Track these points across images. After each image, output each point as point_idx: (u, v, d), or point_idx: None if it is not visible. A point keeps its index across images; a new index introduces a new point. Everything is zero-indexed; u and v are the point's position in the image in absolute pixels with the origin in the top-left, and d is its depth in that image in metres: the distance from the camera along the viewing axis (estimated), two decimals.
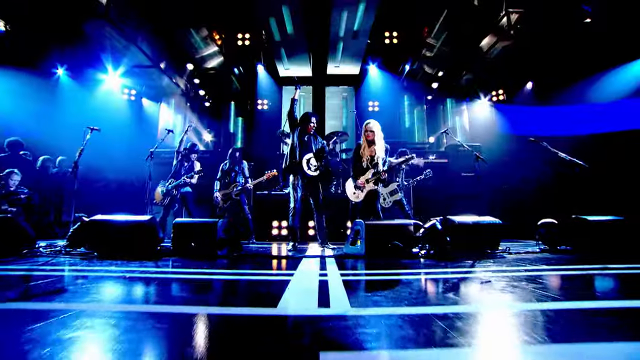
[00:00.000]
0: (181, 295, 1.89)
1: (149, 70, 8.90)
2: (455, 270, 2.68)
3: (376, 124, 4.78)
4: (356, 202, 4.72)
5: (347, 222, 6.82)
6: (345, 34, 8.17)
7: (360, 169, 4.74)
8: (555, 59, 7.87)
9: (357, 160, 4.81)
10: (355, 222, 3.71)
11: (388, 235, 3.54)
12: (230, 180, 6.22)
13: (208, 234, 3.52)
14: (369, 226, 3.49)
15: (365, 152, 4.73)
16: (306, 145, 4.90)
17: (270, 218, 6.90)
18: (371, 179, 4.62)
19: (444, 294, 1.88)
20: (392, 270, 2.69)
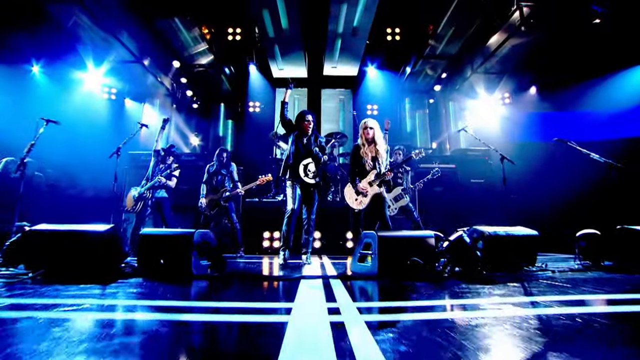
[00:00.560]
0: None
1: (132, 67, 8.21)
2: (509, 300, 2.02)
3: (375, 121, 4.22)
4: (359, 209, 4.06)
5: (347, 232, 6.16)
6: (344, 30, 7.62)
7: (362, 172, 4.11)
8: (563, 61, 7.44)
9: (356, 162, 4.20)
10: (365, 234, 3.04)
11: (405, 249, 2.87)
12: (217, 183, 5.52)
13: (182, 248, 2.81)
14: (383, 239, 2.81)
15: (366, 152, 4.11)
16: (304, 148, 4.38)
17: (261, 228, 6.19)
18: (374, 181, 3.99)
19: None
20: (425, 299, 2.02)
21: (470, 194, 6.63)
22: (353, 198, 4.11)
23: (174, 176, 5.23)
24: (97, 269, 2.74)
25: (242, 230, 5.91)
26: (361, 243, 3.06)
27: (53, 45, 7.15)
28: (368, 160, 4.09)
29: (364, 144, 4.13)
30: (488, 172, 6.81)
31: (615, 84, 7.19)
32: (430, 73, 9.02)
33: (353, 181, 4.13)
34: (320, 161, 4.42)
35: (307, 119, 4.40)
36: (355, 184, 4.08)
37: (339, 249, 6.09)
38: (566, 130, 7.23)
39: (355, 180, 4.11)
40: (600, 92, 7.28)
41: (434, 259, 3.00)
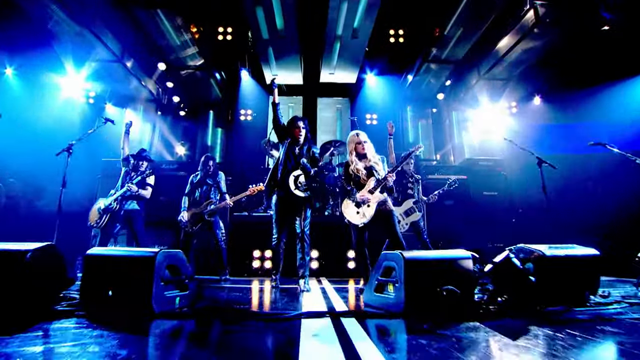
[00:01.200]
0: None
1: (113, 70, 7.55)
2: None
3: (365, 135, 3.70)
4: (363, 223, 3.37)
5: (349, 251, 5.42)
6: (343, 31, 7.11)
7: (358, 185, 3.52)
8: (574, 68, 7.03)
9: (348, 178, 3.62)
10: (387, 255, 2.32)
11: (438, 275, 2.17)
12: (201, 195, 4.78)
13: (140, 274, 2.06)
14: (412, 263, 2.10)
15: (358, 167, 3.53)
16: (296, 158, 3.97)
17: (251, 246, 5.42)
18: (375, 187, 3.37)
19: None
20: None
21: (483, 208, 5.99)
22: (354, 211, 3.44)
23: (148, 185, 4.48)
24: (26, 301, 1.97)
25: (228, 249, 5.15)
26: (379, 267, 2.35)
27: (26, 44, 6.47)
28: (362, 175, 3.49)
29: (355, 161, 3.54)
30: (502, 184, 6.21)
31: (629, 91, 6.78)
32: (433, 81, 8.55)
33: (350, 195, 3.50)
34: (310, 174, 3.89)
35: (299, 125, 3.99)
36: (353, 194, 3.44)
37: (340, 270, 5.35)
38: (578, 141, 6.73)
39: (351, 193, 3.49)
40: (613, 101, 6.84)
41: (471, 287, 2.31)
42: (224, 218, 5.56)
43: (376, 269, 2.37)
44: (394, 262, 2.19)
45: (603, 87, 6.78)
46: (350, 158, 3.59)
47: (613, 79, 6.80)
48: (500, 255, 2.38)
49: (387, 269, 2.26)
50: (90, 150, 6.41)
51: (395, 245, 3.22)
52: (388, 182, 3.33)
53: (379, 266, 2.34)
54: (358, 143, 3.55)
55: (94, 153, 6.33)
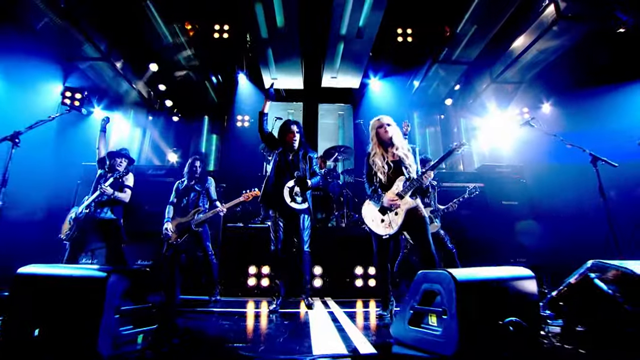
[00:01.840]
0: None
1: (101, 71, 7.05)
2: None
3: (391, 118, 3.09)
4: (387, 234, 2.78)
5: (356, 267, 4.81)
6: (347, 30, 6.68)
7: (381, 184, 2.89)
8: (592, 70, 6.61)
9: (369, 174, 3.00)
10: (427, 275, 1.72)
11: (498, 301, 1.59)
12: (188, 203, 4.20)
13: (83, 304, 1.45)
14: (466, 286, 1.52)
15: (378, 157, 2.93)
16: (290, 167, 3.63)
17: (246, 262, 4.80)
18: (405, 190, 2.77)
19: None
20: None
21: (503, 219, 5.42)
22: (377, 219, 2.84)
23: (126, 187, 3.88)
24: None
25: (220, 265, 4.54)
26: (416, 291, 1.75)
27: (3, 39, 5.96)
28: (385, 170, 2.88)
29: (377, 148, 2.96)
30: (521, 192, 5.67)
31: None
32: (441, 86, 8.12)
33: (374, 195, 2.89)
34: (307, 186, 3.50)
35: (292, 130, 3.67)
36: (379, 197, 2.83)
37: (346, 289, 4.72)
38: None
39: (375, 194, 2.88)
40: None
41: (537, 318, 1.73)
42: (216, 229, 4.96)
43: (411, 294, 1.78)
44: (439, 285, 1.60)
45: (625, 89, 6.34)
46: (371, 146, 3.01)
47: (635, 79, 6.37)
48: (577, 274, 1.80)
49: (428, 293, 1.67)
50: (70, 154, 5.85)
51: (426, 259, 2.62)
52: (423, 183, 2.75)
53: (416, 290, 1.75)
54: (379, 127, 2.97)
55: (75, 156, 5.74)
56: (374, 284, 4.75)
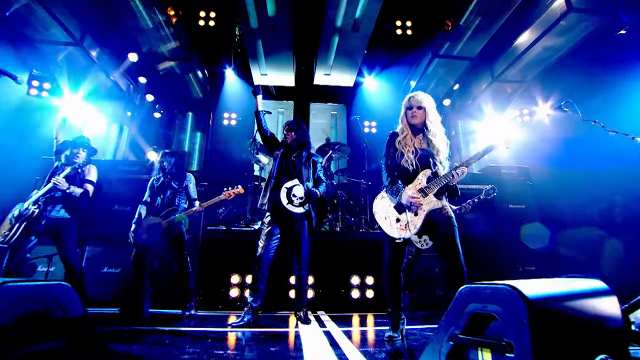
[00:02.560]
0: None
1: (73, 59, 6.44)
2: None
3: (428, 96, 2.54)
4: (401, 238, 2.29)
5: (352, 276, 4.29)
6: (343, 23, 6.27)
7: (403, 174, 2.39)
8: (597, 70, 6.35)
9: (389, 161, 2.48)
10: (473, 291, 1.22)
11: (577, 328, 1.11)
12: (163, 203, 3.64)
13: None
14: (541, 308, 1.04)
15: (408, 143, 2.42)
16: (289, 168, 3.39)
17: (228, 270, 4.24)
18: (430, 187, 2.28)
19: None
20: None
21: (511, 224, 5.01)
22: (392, 218, 2.34)
23: (87, 182, 3.30)
24: None
25: (199, 273, 3.99)
26: (459, 313, 1.25)
27: None
28: (410, 156, 2.38)
29: (405, 131, 2.46)
30: (529, 195, 5.29)
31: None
32: (439, 86, 7.77)
33: (391, 187, 2.38)
34: (311, 196, 3.28)
35: (284, 127, 3.57)
36: (397, 191, 2.33)
37: (341, 301, 4.21)
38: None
39: (394, 186, 2.37)
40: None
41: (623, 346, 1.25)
42: (195, 232, 4.38)
43: (451, 316, 1.28)
44: (496, 306, 1.11)
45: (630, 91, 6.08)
46: (399, 127, 2.51)
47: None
48: None
49: (479, 318, 1.17)
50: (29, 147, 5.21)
51: (453, 273, 2.13)
52: (453, 181, 2.27)
53: (458, 311, 1.25)
54: (408, 108, 2.46)
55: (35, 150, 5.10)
56: (372, 296, 4.25)
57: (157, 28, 6.31)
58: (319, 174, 3.46)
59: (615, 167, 5.49)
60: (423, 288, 4.45)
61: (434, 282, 4.61)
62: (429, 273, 4.62)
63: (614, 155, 5.66)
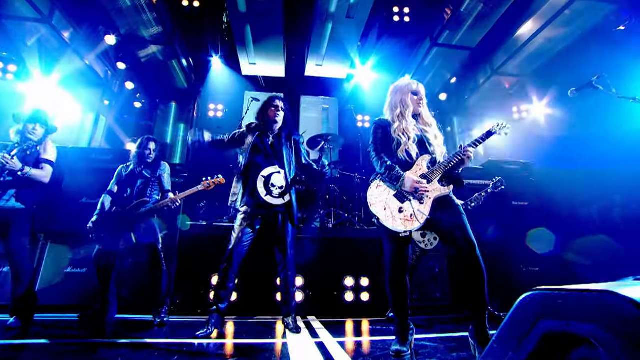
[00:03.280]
0: None
1: (42, 37, 5.91)
2: None
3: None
4: (407, 231, 1.93)
5: (346, 278, 3.93)
6: (337, 9, 5.91)
7: (402, 163, 2.07)
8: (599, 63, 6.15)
9: (384, 144, 2.16)
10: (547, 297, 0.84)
11: None
12: (133, 193, 3.21)
13: None
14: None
15: (407, 130, 2.13)
16: (268, 151, 2.95)
17: (208, 270, 3.82)
18: (432, 171, 1.98)
19: None
20: None
21: (514, 222, 4.73)
22: (393, 208, 2.00)
23: (45, 161, 2.85)
24: None
25: (176, 273, 3.57)
26: (522, 332, 0.88)
27: None
28: (412, 145, 2.07)
29: (404, 117, 2.14)
30: (532, 192, 5.02)
31: None
32: (435, 79, 7.48)
33: (389, 174, 2.03)
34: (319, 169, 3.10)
35: (274, 104, 3.03)
36: (397, 178, 1.98)
37: (333, 304, 3.83)
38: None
39: (392, 172, 2.02)
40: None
41: None
42: (172, 228, 3.95)
43: (506, 336, 0.90)
44: (592, 325, 0.74)
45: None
46: (395, 113, 2.19)
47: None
48: None
49: (556, 341, 0.81)
50: None
51: (469, 269, 1.79)
52: (461, 164, 1.98)
53: (517, 330, 0.87)
54: (414, 93, 2.24)
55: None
56: (367, 299, 3.89)
57: (136, 7, 5.82)
58: (303, 155, 3.08)
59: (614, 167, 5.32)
60: (420, 290, 4.14)
61: (433, 284, 4.29)
62: (427, 274, 4.30)
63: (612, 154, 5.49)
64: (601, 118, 6.06)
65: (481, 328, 1.75)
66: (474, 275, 1.78)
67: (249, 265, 2.85)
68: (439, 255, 4.30)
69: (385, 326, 3.05)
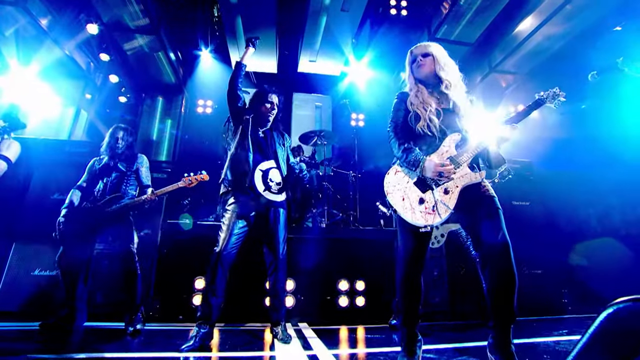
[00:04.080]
0: None
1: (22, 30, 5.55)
2: None
3: (435, 44, 2.05)
4: (429, 226, 1.68)
5: (340, 281, 3.66)
6: (332, 1, 5.67)
7: (424, 142, 1.80)
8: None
9: (403, 124, 1.91)
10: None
11: None
12: (105, 188, 2.91)
13: None
14: None
15: (425, 101, 1.85)
16: (262, 145, 2.76)
17: (192, 272, 3.52)
18: (462, 153, 1.73)
19: None
20: None
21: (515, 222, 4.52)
22: (413, 199, 1.75)
23: (1, 158, 2.53)
24: None
25: (157, 276, 3.28)
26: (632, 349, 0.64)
27: None
28: (433, 118, 1.81)
29: (416, 88, 1.90)
30: (533, 192, 4.85)
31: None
32: None
33: (407, 157, 1.77)
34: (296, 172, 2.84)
35: (270, 100, 2.80)
36: (417, 162, 1.73)
37: (327, 310, 3.57)
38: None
39: (411, 155, 1.76)
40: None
41: None
42: (153, 227, 3.64)
43: (605, 351, 0.65)
44: None
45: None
46: (407, 86, 1.96)
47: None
48: None
49: None
50: None
51: (501, 274, 1.56)
52: (503, 139, 1.73)
53: (623, 345, 0.62)
54: (412, 62, 2.01)
55: None
56: (362, 304, 3.63)
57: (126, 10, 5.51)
58: (288, 153, 2.89)
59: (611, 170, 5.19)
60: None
61: (432, 288, 4.05)
62: (425, 276, 4.07)
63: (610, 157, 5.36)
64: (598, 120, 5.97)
65: (505, 341, 1.52)
66: (504, 280, 1.56)
67: (235, 267, 2.57)
68: (438, 257, 4.07)
69: (384, 334, 2.79)
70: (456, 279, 3.95)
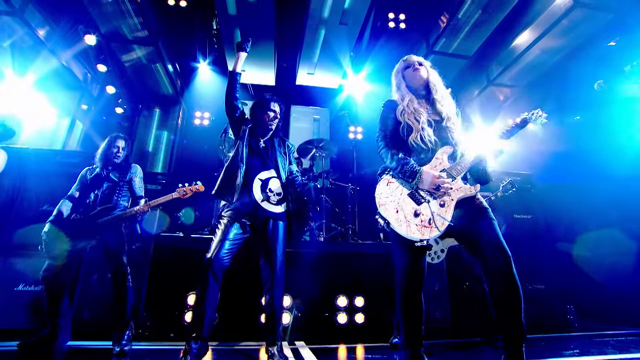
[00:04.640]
0: None
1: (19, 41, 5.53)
2: None
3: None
4: (424, 240, 1.59)
5: (339, 297, 3.53)
6: (330, 12, 5.72)
7: (417, 154, 1.75)
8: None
9: (393, 133, 1.88)
10: None
11: None
12: (97, 198, 2.80)
13: None
14: None
15: (416, 111, 1.83)
16: (263, 154, 2.64)
17: (185, 287, 3.38)
18: (456, 166, 1.68)
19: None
20: None
21: (517, 236, 4.45)
22: (408, 211, 1.67)
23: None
24: None
25: (148, 291, 3.14)
26: None
27: None
28: (427, 128, 1.75)
29: (408, 97, 1.85)
30: (535, 205, 4.78)
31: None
32: None
33: (402, 168, 1.69)
34: (295, 184, 2.64)
35: (271, 108, 2.68)
36: (413, 173, 1.66)
37: (325, 327, 3.42)
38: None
39: (406, 165, 1.69)
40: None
41: None
42: (145, 239, 3.52)
43: None
44: None
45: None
46: (398, 96, 1.90)
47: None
48: None
49: None
50: None
51: (504, 290, 1.47)
52: (498, 153, 1.67)
53: None
54: (406, 67, 1.94)
55: None
56: (362, 320, 3.49)
57: (118, 4, 5.52)
58: (292, 164, 2.73)
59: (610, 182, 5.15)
60: None
61: (433, 302, 3.91)
62: (426, 291, 3.94)
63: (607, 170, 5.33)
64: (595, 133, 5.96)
65: (517, 359, 1.41)
66: (510, 293, 1.47)
67: (229, 279, 2.45)
68: (439, 271, 3.95)
69: (385, 354, 2.65)
70: (458, 293, 3.84)
